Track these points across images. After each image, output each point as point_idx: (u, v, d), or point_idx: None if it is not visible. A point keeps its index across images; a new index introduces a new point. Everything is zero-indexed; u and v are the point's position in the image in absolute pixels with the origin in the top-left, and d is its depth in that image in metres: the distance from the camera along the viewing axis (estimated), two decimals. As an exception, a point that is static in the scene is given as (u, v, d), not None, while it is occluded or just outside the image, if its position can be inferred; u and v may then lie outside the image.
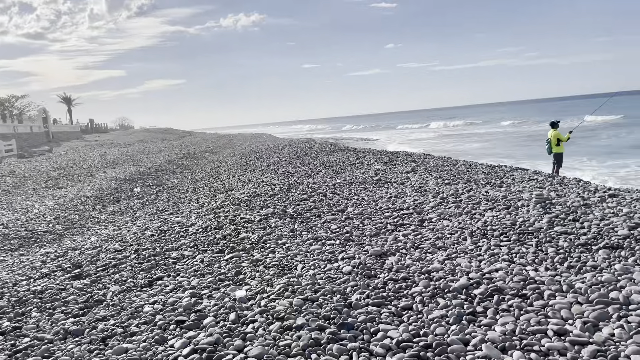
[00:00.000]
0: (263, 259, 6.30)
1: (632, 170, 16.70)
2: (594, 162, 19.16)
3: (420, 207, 8.60)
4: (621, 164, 17.83)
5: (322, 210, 9.05)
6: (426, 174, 13.00)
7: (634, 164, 18.11)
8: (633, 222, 6.28)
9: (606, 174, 16.11)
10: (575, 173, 14.15)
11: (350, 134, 61.65)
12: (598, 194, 8.92)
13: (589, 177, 14.74)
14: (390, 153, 20.90)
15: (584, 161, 19.61)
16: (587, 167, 18.16)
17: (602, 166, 18.15)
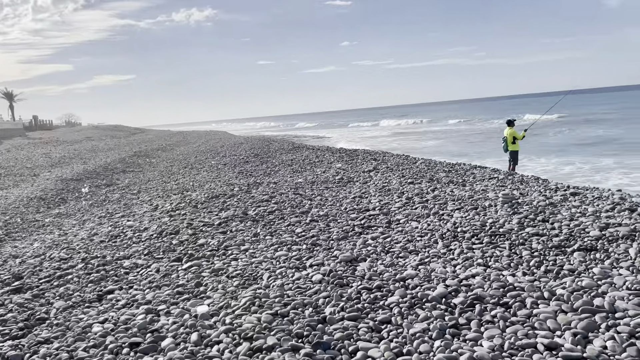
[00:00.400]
0: (225, 267, 5.85)
1: (576, 167, 17.14)
2: (543, 160, 19.57)
3: (387, 208, 8.34)
4: (565, 161, 18.30)
5: (286, 212, 8.64)
6: (388, 172, 12.82)
7: (578, 160, 18.63)
8: (602, 223, 6.22)
9: (552, 171, 16.44)
10: (525, 171, 14.32)
11: (304, 132, 61.05)
12: (560, 192, 8.95)
13: (539, 174, 14.96)
14: (349, 151, 20.69)
15: (533, 158, 20.02)
16: (536, 164, 18.53)
17: (550, 163, 18.57)
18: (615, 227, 6.05)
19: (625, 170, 15.62)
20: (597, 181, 13.50)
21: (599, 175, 15.27)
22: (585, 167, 16.87)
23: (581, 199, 8.18)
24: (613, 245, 5.44)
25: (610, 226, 6.09)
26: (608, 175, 15.12)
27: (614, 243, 5.50)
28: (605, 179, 14.24)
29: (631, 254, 5.05)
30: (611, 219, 6.55)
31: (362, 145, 30.85)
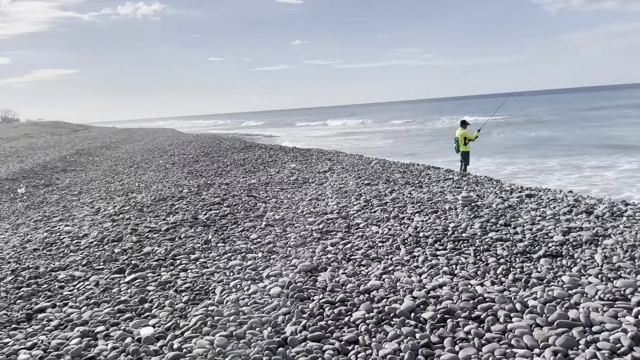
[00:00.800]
0: (173, 279, 5.32)
1: (518, 167, 17.47)
2: (487, 160, 19.89)
3: (345, 211, 8.01)
4: (508, 162, 18.66)
5: (239, 216, 8.14)
6: (344, 173, 12.52)
7: (520, 161, 19.03)
8: (564, 227, 6.13)
9: (495, 171, 16.69)
10: (470, 171, 14.38)
11: (249, 131, 59.78)
12: (515, 194, 8.92)
13: (483, 174, 15.11)
14: (303, 151, 20.30)
15: (477, 159, 20.34)
16: (480, 164, 18.78)
17: (494, 163, 18.89)
18: (577, 231, 5.97)
19: (566, 171, 16.04)
20: (540, 181, 13.73)
21: (541, 176, 15.56)
22: (527, 168, 17.22)
23: (537, 201, 8.15)
24: (578, 251, 5.32)
25: (572, 230, 6.00)
26: (550, 176, 15.45)
27: (578, 248, 5.39)
28: (548, 180, 14.51)
29: (597, 261, 4.93)
30: (571, 222, 6.48)
31: (310, 144, 30.55)
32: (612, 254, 5.09)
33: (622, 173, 14.98)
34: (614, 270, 4.65)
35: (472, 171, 14.53)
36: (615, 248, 5.23)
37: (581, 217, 6.81)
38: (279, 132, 52.50)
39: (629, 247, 5.23)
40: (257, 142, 28.85)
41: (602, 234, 5.82)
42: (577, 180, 13.80)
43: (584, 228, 6.07)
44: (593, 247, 5.40)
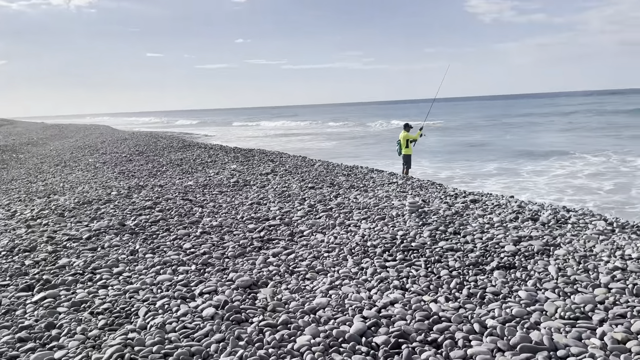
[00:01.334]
0: (90, 299, 4.59)
1: (453, 171, 17.60)
2: (425, 163, 19.97)
3: (288, 217, 7.49)
4: (444, 166, 18.80)
5: (172, 222, 7.42)
6: (287, 175, 11.99)
7: (455, 165, 19.21)
8: (515, 236, 5.91)
9: (432, 175, 16.74)
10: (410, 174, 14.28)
11: (183, 129, 57.37)
12: (460, 199, 8.74)
13: (424, 178, 15.06)
14: (245, 151, 19.56)
15: (418, 162, 20.45)
16: (416, 167, 18.80)
17: (429, 167, 18.98)
18: (527, 240, 5.77)
19: (500, 176, 16.28)
20: (476, 186, 13.81)
21: (477, 181, 15.68)
22: (463, 172, 17.38)
23: (482, 207, 7.99)
24: (530, 262, 5.08)
25: (522, 239, 5.79)
26: (485, 180, 15.59)
27: (530, 259, 5.15)
28: (483, 184, 14.61)
29: (552, 273, 4.69)
30: (520, 230, 6.30)
31: (251, 145, 29.80)
32: (565, 266, 4.89)
33: (553, 178, 15.41)
34: (570, 284, 4.42)
35: (411, 175, 14.39)
36: (568, 259, 5.04)
37: (528, 224, 6.66)
38: (214, 131, 50.67)
39: (580, 258, 5.06)
40: (197, 141, 27.74)
41: (552, 244, 5.64)
42: (510, 184, 13.98)
43: (534, 237, 5.88)
44: (545, 257, 5.19)
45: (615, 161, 17.10)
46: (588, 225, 6.61)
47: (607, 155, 18.88)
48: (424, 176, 15.39)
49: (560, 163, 17.53)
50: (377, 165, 16.97)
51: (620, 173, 14.77)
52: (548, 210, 7.74)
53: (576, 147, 22.33)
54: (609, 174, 14.68)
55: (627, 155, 18.25)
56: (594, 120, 42.00)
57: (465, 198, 8.82)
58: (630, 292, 4.13)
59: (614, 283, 4.35)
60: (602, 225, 6.50)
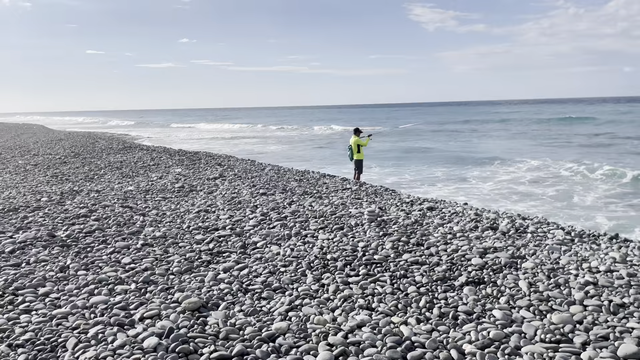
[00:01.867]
0: (10, 326, 3.87)
1: (399, 177, 17.54)
2: (376, 169, 19.90)
3: (240, 227, 6.94)
4: (390, 172, 18.72)
5: (109, 232, 6.68)
6: (237, 180, 11.37)
7: (401, 170, 19.19)
8: (479, 247, 5.66)
9: (378, 180, 16.63)
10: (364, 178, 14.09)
11: (113, 130, 54.32)
12: (416, 206, 8.50)
13: (373, 183, 14.89)
14: (190, 154, 18.67)
15: (366, 166, 20.34)
16: (368, 172, 18.69)
17: (375, 173, 18.86)
18: (492, 252, 5.53)
19: (447, 181, 16.38)
20: (425, 192, 13.75)
21: (425, 186, 15.66)
22: (410, 178, 17.35)
23: (440, 215, 7.77)
24: (499, 276, 4.82)
25: (488, 251, 5.54)
26: (432, 187, 15.59)
27: (499, 274, 4.90)
28: (431, 190, 14.58)
29: (523, 289, 4.44)
30: (482, 240, 6.07)
31: (196, 147, 28.78)
32: (535, 280, 4.66)
33: (498, 184, 15.65)
34: (544, 301, 4.17)
35: (362, 180, 14.14)
36: (537, 273, 4.83)
37: (489, 233, 6.46)
38: (152, 133, 48.29)
39: (549, 272, 4.86)
40: (139, 143, 26.41)
41: (517, 255, 5.43)
42: (457, 190, 14.03)
43: (498, 248, 5.66)
44: (513, 271, 4.95)
45: (553, 168, 17.64)
46: (547, 234, 6.50)
47: (545, 160, 19.49)
48: (373, 181, 15.22)
49: (504, 169, 17.88)
50: (327, 170, 16.63)
51: (562, 179, 15.20)
52: (504, 218, 7.63)
53: (516, 153, 23.00)
54: (549, 180, 15.06)
55: (563, 161, 18.90)
56: (530, 127, 43.83)
57: (421, 205, 8.59)
58: (607, 309, 3.93)
59: (589, 300, 4.14)
60: (561, 234, 6.41)
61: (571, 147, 25.90)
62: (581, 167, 16.54)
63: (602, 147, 25.46)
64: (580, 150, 24.04)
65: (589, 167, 16.49)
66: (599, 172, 15.57)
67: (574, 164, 17.64)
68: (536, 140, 31.09)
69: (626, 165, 17.20)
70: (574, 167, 16.91)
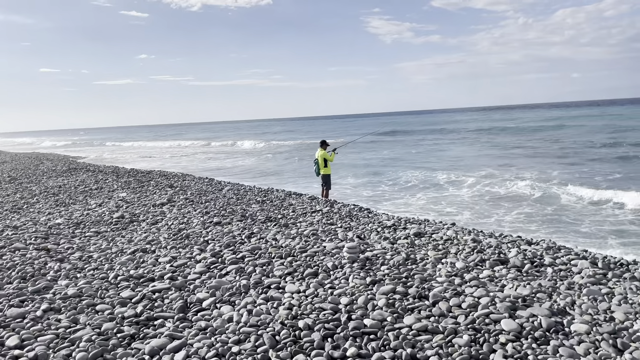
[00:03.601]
0: None
1: (377, 190, 16.17)
2: (340, 181, 18.41)
3: (182, 274, 5.24)
4: (363, 183, 17.30)
5: (4, 292, 4.86)
6: (188, 206, 9.60)
7: (375, 183, 17.83)
8: (504, 298, 4.14)
9: (349, 195, 15.21)
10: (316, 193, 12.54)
11: (49, 151, 49.45)
12: (400, 232, 7.01)
13: (340, 198, 13.40)
14: (142, 174, 16.66)
15: (347, 177, 18.90)
16: (336, 187, 17.22)
17: (351, 184, 17.45)
18: (522, 305, 4.03)
19: (424, 191, 15.08)
20: (402, 204, 12.39)
21: (402, 198, 14.36)
22: (385, 188, 15.98)
23: (432, 244, 6.31)
24: (547, 349, 3.32)
25: (517, 305, 4.03)
26: (410, 198, 14.30)
27: (546, 345, 3.40)
28: (408, 202, 13.24)
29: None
30: (500, 285, 4.58)
31: (146, 166, 26.66)
32: (601, 356, 3.19)
33: (471, 194, 14.45)
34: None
35: (331, 197, 12.61)
36: (597, 340, 3.37)
37: (501, 271, 5.01)
38: (102, 152, 44.53)
39: (611, 337, 3.40)
40: (88, 163, 24.10)
41: (556, 310, 3.95)
42: (434, 200, 12.72)
43: (527, 299, 4.17)
44: (563, 339, 3.46)
45: (530, 179, 16.63)
46: (570, 267, 5.11)
47: (510, 169, 18.52)
48: (347, 196, 13.72)
49: (471, 177, 16.73)
50: (294, 186, 15.04)
51: (541, 189, 14.11)
52: (507, 244, 6.22)
53: (478, 162, 22.04)
54: (526, 191, 13.94)
55: (529, 170, 17.96)
56: (487, 136, 43.19)
57: (406, 231, 7.10)
58: None
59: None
60: (588, 267, 5.03)
61: (528, 158, 25.19)
62: (542, 183, 15.57)
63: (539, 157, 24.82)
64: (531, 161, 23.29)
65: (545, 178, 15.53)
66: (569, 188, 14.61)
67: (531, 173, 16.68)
68: (494, 150, 30.42)
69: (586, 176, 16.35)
70: (551, 179, 15.93)
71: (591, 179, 15.29)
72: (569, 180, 14.70)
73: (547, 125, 49.43)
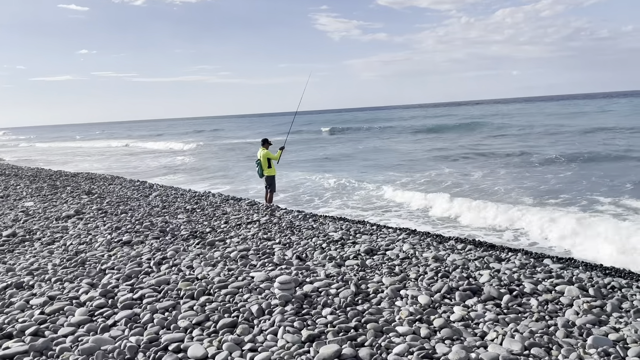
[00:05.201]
0: None
1: (326, 184, 14.95)
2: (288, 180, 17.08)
3: (53, 328, 3.75)
4: (307, 180, 16.02)
5: None
6: (98, 219, 7.94)
7: (319, 181, 16.61)
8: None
9: (294, 195, 13.97)
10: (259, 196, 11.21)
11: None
12: (348, 249, 5.77)
13: (290, 199, 12.12)
14: (65, 177, 14.58)
15: (281, 179, 17.47)
16: (282, 187, 15.86)
17: (297, 182, 16.13)
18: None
19: (367, 188, 14.00)
20: (340, 205, 11.25)
21: (336, 200, 13.22)
22: (331, 183, 14.82)
23: (388, 265, 5.10)
24: None
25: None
26: (344, 201, 13.20)
27: None
28: (348, 199, 12.11)
29: None
30: (478, 334, 3.41)
31: (88, 167, 24.35)
32: None
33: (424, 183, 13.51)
34: None
35: (275, 202, 11.26)
36: None
37: (476, 307, 3.86)
38: (7, 153, 40.61)
39: None
40: (5, 164, 21.48)
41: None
42: (374, 199, 11.65)
43: (519, 357, 3.01)
44: None
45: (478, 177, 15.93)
46: (559, 299, 4.04)
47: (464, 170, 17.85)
48: (288, 199, 12.40)
49: (417, 174, 15.86)
50: (240, 188, 13.55)
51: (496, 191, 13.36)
52: (478, 265, 5.10)
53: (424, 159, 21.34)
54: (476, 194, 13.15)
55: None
56: (435, 133, 42.67)
57: (356, 247, 5.87)
58: None
59: None
60: (577, 294, 3.99)
61: (481, 157, 24.80)
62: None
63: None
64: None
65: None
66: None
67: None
68: (444, 149, 29.99)
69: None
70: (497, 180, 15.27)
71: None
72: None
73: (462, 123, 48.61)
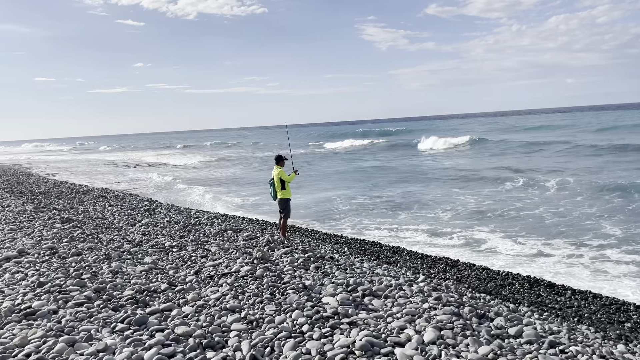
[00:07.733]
0: None
1: (349, 206, 12.96)
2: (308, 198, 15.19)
3: None
4: (336, 197, 14.04)
5: None
6: (37, 263, 6.15)
7: (351, 199, 14.59)
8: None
9: (317, 213, 11.94)
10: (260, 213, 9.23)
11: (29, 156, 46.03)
12: (341, 337, 3.70)
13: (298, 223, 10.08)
14: (79, 193, 13.22)
15: (297, 198, 15.62)
16: (297, 210, 13.94)
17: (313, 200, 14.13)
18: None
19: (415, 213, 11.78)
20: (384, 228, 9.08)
21: (378, 219, 11.11)
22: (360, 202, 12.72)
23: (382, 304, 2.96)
24: None
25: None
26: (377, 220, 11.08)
27: None
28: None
29: None
30: None
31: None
32: None
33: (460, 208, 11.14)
34: None
35: (290, 229, 9.26)
36: None
37: None
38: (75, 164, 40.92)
39: None
40: (48, 178, 20.73)
41: None
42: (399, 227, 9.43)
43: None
44: None
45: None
46: None
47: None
48: (307, 220, 10.42)
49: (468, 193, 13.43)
50: (266, 202, 11.72)
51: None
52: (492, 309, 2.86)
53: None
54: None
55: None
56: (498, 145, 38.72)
57: (352, 334, 3.76)
58: None
59: None
60: None
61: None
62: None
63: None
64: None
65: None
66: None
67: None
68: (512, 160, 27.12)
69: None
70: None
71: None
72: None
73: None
